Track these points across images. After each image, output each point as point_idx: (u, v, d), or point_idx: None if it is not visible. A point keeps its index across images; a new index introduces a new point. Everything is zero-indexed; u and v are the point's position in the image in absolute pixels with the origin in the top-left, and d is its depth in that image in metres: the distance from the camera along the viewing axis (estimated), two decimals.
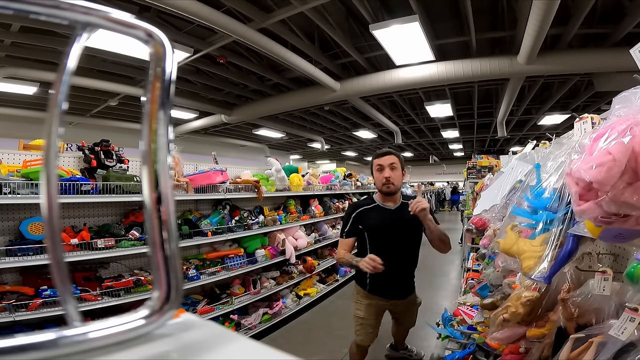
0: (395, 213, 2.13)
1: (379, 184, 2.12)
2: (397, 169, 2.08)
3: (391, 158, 2.09)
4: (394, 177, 2.07)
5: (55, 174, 0.28)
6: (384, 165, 2.07)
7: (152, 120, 0.31)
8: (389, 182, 2.06)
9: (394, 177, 2.07)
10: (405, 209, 1.99)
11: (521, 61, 4.75)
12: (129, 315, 0.30)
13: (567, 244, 0.74)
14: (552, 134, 1.27)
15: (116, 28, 0.31)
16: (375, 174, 2.13)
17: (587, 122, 0.84)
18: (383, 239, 2.11)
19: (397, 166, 2.08)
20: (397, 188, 2.10)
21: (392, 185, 2.07)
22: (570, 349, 0.72)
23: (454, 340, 2.17)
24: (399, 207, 2.15)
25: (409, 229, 2.10)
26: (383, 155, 2.10)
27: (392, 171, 2.07)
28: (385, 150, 2.12)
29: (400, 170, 2.11)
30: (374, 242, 2.12)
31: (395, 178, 2.08)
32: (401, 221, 2.09)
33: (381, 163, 2.08)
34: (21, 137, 3.17)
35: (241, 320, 3.34)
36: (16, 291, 2.14)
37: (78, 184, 2.26)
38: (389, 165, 2.07)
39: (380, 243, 2.10)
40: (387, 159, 2.08)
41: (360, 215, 2.17)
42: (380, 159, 2.10)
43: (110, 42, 4.02)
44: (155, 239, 0.30)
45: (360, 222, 2.15)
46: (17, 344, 0.25)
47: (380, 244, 2.10)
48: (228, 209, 3.52)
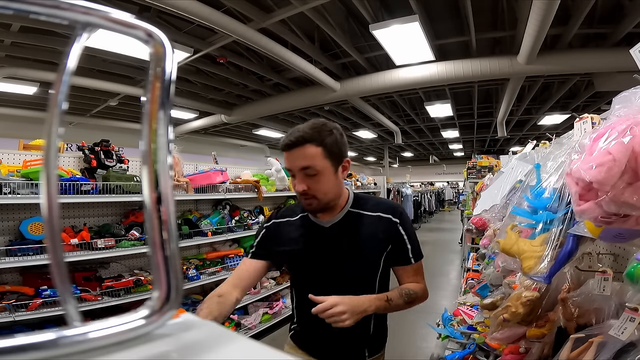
0: (329, 233, 1.19)
1: (298, 197, 1.16)
2: (321, 174, 1.08)
3: (302, 154, 1.06)
4: (315, 188, 1.09)
5: (55, 174, 0.28)
6: (293, 172, 1.11)
7: (152, 120, 0.31)
8: (307, 197, 1.11)
9: (316, 188, 1.09)
10: (354, 224, 1.18)
11: (521, 61, 4.75)
12: (129, 315, 0.30)
13: (567, 244, 0.74)
14: (552, 134, 1.27)
15: (116, 28, 0.31)
16: (291, 180, 1.16)
17: (587, 122, 0.84)
18: (308, 274, 1.23)
19: (320, 168, 1.07)
20: (328, 201, 1.14)
21: (314, 200, 1.11)
22: (570, 349, 0.72)
23: (454, 340, 2.17)
24: (341, 221, 1.19)
25: (354, 260, 1.17)
26: (290, 148, 1.08)
27: (309, 179, 1.08)
28: (292, 139, 1.06)
29: (326, 172, 1.09)
30: (297, 277, 1.29)
31: (320, 189, 1.10)
32: (339, 247, 1.17)
33: (288, 167, 1.12)
34: (21, 137, 3.17)
35: (241, 320, 3.34)
36: (16, 291, 2.14)
37: (78, 184, 2.26)
38: (301, 171, 1.08)
39: (304, 279, 1.25)
40: (295, 156, 1.08)
41: (273, 231, 1.27)
42: (286, 155, 1.10)
43: (110, 42, 4.02)
44: (155, 239, 0.30)
45: (272, 243, 1.26)
46: (17, 344, 0.25)
47: (304, 280, 1.25)
48: (228, 209, 3.52)
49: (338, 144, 1.11)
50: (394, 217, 1.19)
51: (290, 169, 1.12)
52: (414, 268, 1.21)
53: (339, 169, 1.14)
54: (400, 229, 1.18)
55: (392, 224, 1.18)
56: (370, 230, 1.17)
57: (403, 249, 1.18)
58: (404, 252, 1.19)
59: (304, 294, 1.14)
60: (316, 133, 1.07)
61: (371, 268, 1.20)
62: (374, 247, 1.18)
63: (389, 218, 1.18)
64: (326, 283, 1.19)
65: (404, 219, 1.20)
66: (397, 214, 1.20)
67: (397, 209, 1.22)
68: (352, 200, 1.23)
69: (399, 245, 1.18)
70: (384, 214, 1.19)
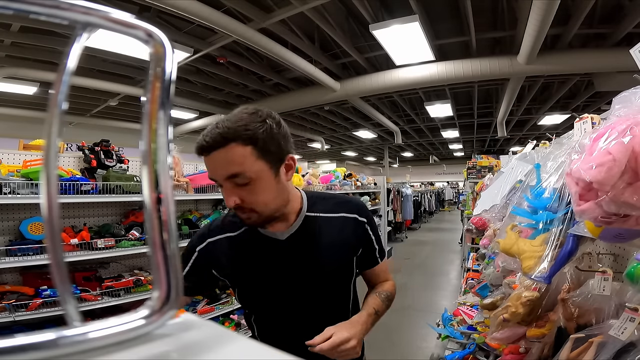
0: (288, 246, 0.95)
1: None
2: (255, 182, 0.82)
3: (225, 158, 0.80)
4: (251, 200, 0.84)
5: (55, 174, 0.28)
6: (217, 181, 0.84)
7: (152, 120, 0.31)
8: (244, 211, 0.86)
9: (252, 200, 0.84)
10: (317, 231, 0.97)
11: (521, 61, 4.75)
12: (129, 315, 0.30)
13: (567, 244, 0.74)
14: (552, 134, 1.27)
15: (116, 28, 0.31)
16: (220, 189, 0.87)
17: (587, 122, 0.84)
18: (268, 300, 0.99)
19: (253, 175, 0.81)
20: (272, 213, 0.88)
21: (252, 214, 0.86)
22: (570, 349, 0.72)
23: (454, 340, 2.17)
24: (300, 230, 0.96)
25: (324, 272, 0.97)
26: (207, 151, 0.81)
27: (241, 190, 0.82)
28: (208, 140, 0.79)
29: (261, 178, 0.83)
30: (252, 306, 1.03)
31: (257, 200, 0.84)
32: (304, 261, 0.95)
33: (211, 176, 0.84)
34: (21, 137, 3.17)
35: (241, 320, 3.34)
36: (16, 291, 2.14)
37: (78, 184, 2.26)
38: (228, 180, 0.82)
39: (265, 307, 1.01)
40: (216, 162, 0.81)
41: (210, 253, 0.99)
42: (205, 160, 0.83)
43: (110, 42, 4.02)
44: (155, 239, 0.30)
45: (209, 269, 0.99)
46: (17, 344, 0.25)
47: (265, 308, 1.01)
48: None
49: (275, 138, 0.82)
50: (360, 217, 1.04)
51: (213, 179, 0.83)
52: (381, 268, 1.12)
53: (281, 169, 0.86)
54: (368, 229, 1.05)
55: (359, 225, 1.03)
56: (337, 234, 0.98)
57: (371, 250, 1.08)
58: (372, 254, 1.08)
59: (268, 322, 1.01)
60: (241, 127, 0.78)
61: (345, 277, 1.03)
62: (344, 253, 1.00)
63: (355, 218, 1.03)
64: (294, 307, 0.97)
65: (369, 218, 1.07)
66: (362, 212, 1.05)
67: (362, 206, 1.08)
68: (307, 202, 0.99)
69: (367, 248, 1.06)
70: (349, 213, 1.02)
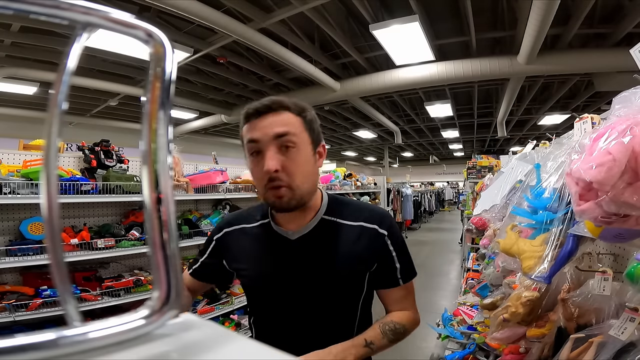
0: (296, 248, 0.91)
1: (258, 189, 0.87)
2: (299, 149, 0.82)
3: (279, 120, 0.81)
4: (291, 169, 0.81)
5: (55, 174, 0.28)
6: (262, 142, 0.80)
7: (152, 120, 0.31)
8: (279, 185, 0.81)
9: (292, 169, 0.81)
10: (330, 237, 0.92)
11: (521, 61, 4.75)
12: (129, 315, 0.30)
13: (567, 244, 0.74)
14: (552, 134, 1.26)
15: (116, 28, 0.31)
16: (250, 162, 0.86)
17: (587, 122, 0.84)
18: (269, 301, 0.96)
19: (299, 141, 0.82)
20: (304, 194, 0.85)
21: (287, 191, 0.81)
22: (570, 349, 0.72)
23: (454, 340, 2.17)
24: (312, 233, 0.92)
25: (329, 283, 0.90)
26: (258, 116, 0.82)
27: (285, 155, 0.81)
28: (266, 103, 0.82)
29: (304, 149, 0.84)
30: (255, 304, 1.01)
31: (297, 170, 0.82)
32: (310, 266, 0.90)
33: (255, 137, 0.81)
34: (21, 137, 3.17)
35: (241, 320, 3.34)
36: (16, 291, 2.14)
37: (78, 184, 2.26)
38: (276, 140, 0.80)
39: (265, 308, 0.98)
40: (269, 121, 0.81)
41: (225, 243, 1.00)
42: (252, 124, 0.82)
43: (110, 42, 4.02)
44: (155, 239, 0.30)
45: (223, 259, 1.00)
46: (17, 344, 0.25)
47: (265, 309, 0.98)
48: (228, 209, 3.52)
49: (316, 122, 0.89)
50: (380, 228, 0.93)
51: (258, 140, 0.80)
52: (402, 291, 0.96)
53: (317, 152, 0.89)
54: (388, 243, 0.93)
55: (378, 237, 0.92)
56: (351, 244, 0.90)
57: (390, 268, 0.94)
58: (391, 272, 0.94)
59: (266, 323, 0.97)
60: (294, 104, 0.85)
61: (352, 292, 0.93)
62: (355, 266, 0.91)
63: (375, 229, 0.92)
64: (293, 313, 0.91)
65: (392, 231, 0.94)
66: (384, 224, 0.94)
67: (385, 217, 0.96)
68: (327, 204, 0.95)
69: (385, 264, 0.93)
70: (368, 223, 0.93)
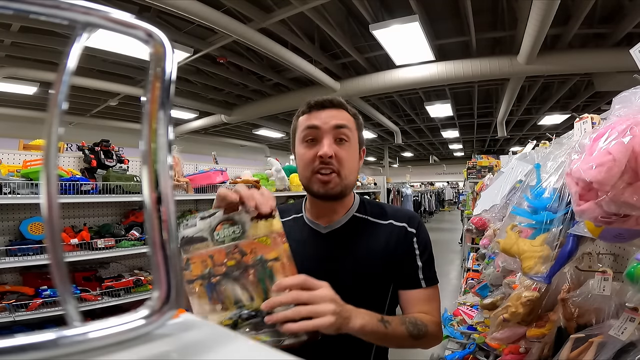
0: (326, 241, 0.93)
1: (304, 173, 0.89)
2: (350, 145, 0.89)
3: (338, 114, 0.89)
4: (342, 158, 0.87)
5: (55, 174, 0.28)
6: (321, 130, 0.87)
7: (152, 120, 0.31)
8: (330, 170, 0.86)
9: (344, 158, 0.87)
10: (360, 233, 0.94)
11: (521, 61, 4.75)
12: (129, 315, 0.30)
13: (567, 244, 0.74)
14: (552, 134, 1.26)
15: (116, 28, 0.31)
16: (300, 148, 0.90)
17: (587, 122, 0.84)
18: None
19: (351, 135, 0.90)
20: (347, 185, 0.90)
21: (335, 177, 0.86)
22: (570, 349, 0.72)
23: (454, 340, 2.18)
24: (343, 228, 0.94)
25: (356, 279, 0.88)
26: (321, 108, 0.89)
27: (339, 145, 0.87)
28: (329, 98, 0.91)
29: (354, 146, 0.92)
30: None
31: (347, 160, 0.88)
32: (338, 261, 0.91)
33: (316, 123, 0.87)
34: (21, 137, 3.17)
35: None
36: (16, 291, 2.14)
37: (78, 184, 2.26)
38: (334, 130, 0.87)
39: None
40: (330, 114, 0.88)
41: None
42: (313, 114, 0.90)
43: (110, 42, 4.02)
44: (155, 239, 0.30)
45: None
46: (17, 344, 0.25)
47: None
48: None
49: (362, 127, 0.98)
50: (409, 227, 0.93)
51: (318, 127, 0.87)
52: (424, 294, 0.90)
53: (362, 151, 0.97)
54: (414, 241, 0.92)
55: (406, 235, 0.92)
56: (380, 242, 0.91)
57: (412, 266, 0.91)
58: (413, 271, 0.91)
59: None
60: (349, 106, 0.94)
61: (378, 292, 0.92)
62: (383, 264, 0.90)
63: (404, 227, 0.93)
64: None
65: (421, 230, 0.94)
66: (414, 223, 0.94)
67: (414, 217, 0.97)
68: (359, 203, 0.98)
69: (407, 262, 0.91)
70: (398, 222, 0.94)
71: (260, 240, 0.62)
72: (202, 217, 0.65)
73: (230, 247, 0.62)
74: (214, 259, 0.62)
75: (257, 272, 0.61)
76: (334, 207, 0.94)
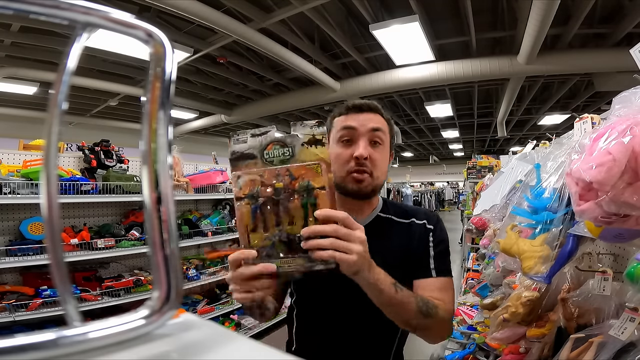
0: None
1: (339, 172, 0.91)
2: (383, 148, 0.95)
3: (374, 118, 0.94)
4: (376, 159, 0.92)
5: (55, 174, 0.28)
6: (358, 131, 0.91)
7: (152, 120, 0.31)
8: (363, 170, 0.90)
9: (377, 159, 0.92)
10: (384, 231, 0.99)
11: (521, 61, 4.75)
12: (129, 315, 0.30)
13: (567, 244, 0.74)
14: (552, 134, 1.26)
15: (116, 28, 0.31)
16: (336, 147, 0.93)
17: (587, 122, 0.84)
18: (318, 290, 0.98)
19: (385, 139, 0.95)
20: (378, 185, 0.95)
21: (368, 177, 0.91)
22: (570, 349, 0.72)
23: (454, 340, 2.18)
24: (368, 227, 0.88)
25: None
26: (358, 111, 0.94)
27: (373, 148, 0.92)
28: (366, 102, 0.96)
29: (387, 149, 0.97)
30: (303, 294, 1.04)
31: (380, 161, 0.93)
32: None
33: (353, 125, 0.92)
34: (21, 137, 3.17)
35: (241, 320, 3.34)
36: (16, 291, 2.14)
37: (78, 184, 2.26)
38: (369, 133, 0.92)
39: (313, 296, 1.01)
40: (367, 117, 0.93)
41: None
42: (350, 116, 0.94)
43: (110, 42, 4.02)
44: (155, 239, 0.30)
45: None
46: (17, 344, 0.25)
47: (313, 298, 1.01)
48: (228, 209, 3.52)
49: (393, 130, 1.03)
50: (428, 223, 1.01)
51: (355, 128, 0.92)
52: (436, 283, 0.93)
53: (391, 153, 1.02)
54: (429, 235, 0.99)
55: (425, 231, 1.00)
56: (403, 239, 0.98)
57: (425, 257, 0.96)
58: (425, 262, 0.95)
59: (310, 316, 1.00)
60: (384, 111, 0.99)
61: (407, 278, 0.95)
62: (405, 260, 0.94)
63: (424, 224, 1.01)
64: (339, 304, 0.93)
65: (438, 227, 1.01)
66: (432, 220, 1.02)
67: (434, 216, 1.04)
68: (382, 204, 1.05)
69: (421, 253, 0.96)
70: (419, 220, 1.02)
71: (309, 167, 0.62)
72: (253, 135, 0.65)
73: (281, 170, 0.62)
74: (264, 178, 0.62)
75: (302, 197, 0.62)
76: (362, 206, 0.99)
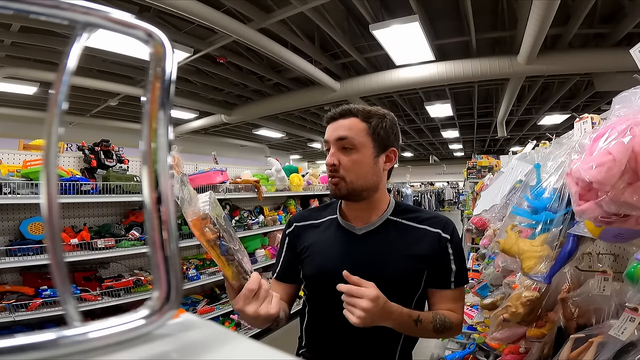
0: (362, 242, 1.01)
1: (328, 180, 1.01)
2: (357, 151, 0.96)
3: (343, 125, 0.97)
4: (346, 166, 0.95)
5: (55, 174, 0.28)
6: (329, 142, 0.99)
7: (152, 120, 0.31)
8: (335, 176, 0.97)
9: (347, 166, 0.95)
10: (394, 235, 1.00)
11: (521, 61, 4.75)
12: (129, 315, 0.30)
13: (567, 244, 0.74)
14: (552, 134, 1.26)
15: (116, 28, 0.31)
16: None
17: (587, 122, 0.84)
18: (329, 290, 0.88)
19: (358, 143, 0.95)
20: (359, 188, 0.97)
21: (341, 182, 0.96)
22: (570, 349, 0.72)
23: (454, 340, 2.18)
24: (378, 229, 1.01)
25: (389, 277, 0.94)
26: (332, 120, 1.00)
27: (343, 154, 0.96)
28: (338, 111, 1.00)
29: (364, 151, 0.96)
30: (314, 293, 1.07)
31: (351, 168, 0.96)
32: (373, 260, 0.98)
33: (326, 137, 1.00)
34: (21, 137, 3.17)
35: (241, 320, 3.34)
36: (16, 291, 2.14)
37: (78, 184, 2.26)
38: (337, 142, 0.96)
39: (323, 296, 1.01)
40: (335, 126, 0.98)
41: (297, 236, 1.10)
42: (328, 127, 1.01)
43: (110, 42, 4.01)
44: (155, 239, 0.30)
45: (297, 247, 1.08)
46: (17, 344, 0.25)
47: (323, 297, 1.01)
48: (228, 209, 3.52)
49: (386, 129, 0.99)
50: (443, 232, 1.00)
51: (327, 140, 0.99)
52: (452, 294, 1.01)
53: (382, 156, 0.99)
54: (448, 247, 1.00)
55: (440, 240, 0.99)
56: (414, 244, 0.99)
57: (445, 269, 0.99)
58: (445, 274, 0.99)
59: (319, 313, 1.05)
60: (365, 111, 0.99)
61: (409, 289, 0.99)
62: (415, 264, 0.97)
63: (438, 233, 1.00)
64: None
65: (454, 235, 1.02)
66: (448, 228, 1.01)
67: (448, 223, 1.03)
68: (393, 207, 1.05)
69: (441, 265, 0.99)
70: (433, 227, 1.01)
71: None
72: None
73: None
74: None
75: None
76: (364, 209, 1.03)
